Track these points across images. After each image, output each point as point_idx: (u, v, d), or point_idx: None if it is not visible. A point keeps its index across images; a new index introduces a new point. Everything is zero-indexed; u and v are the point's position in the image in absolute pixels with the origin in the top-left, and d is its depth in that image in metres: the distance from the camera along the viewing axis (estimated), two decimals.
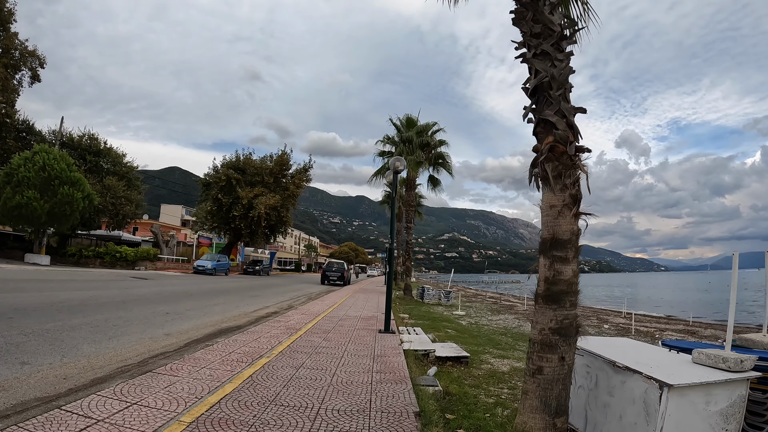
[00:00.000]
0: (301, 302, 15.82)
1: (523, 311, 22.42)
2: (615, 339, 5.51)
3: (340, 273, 31.21)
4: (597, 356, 4.00)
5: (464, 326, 14.19)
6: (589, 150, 3.61)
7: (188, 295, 15.70)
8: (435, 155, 24.10)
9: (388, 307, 8.39)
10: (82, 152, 39.67)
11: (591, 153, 3.59)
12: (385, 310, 8.39)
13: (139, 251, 34.25)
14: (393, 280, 30.92)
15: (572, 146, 3.56)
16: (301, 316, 10.84)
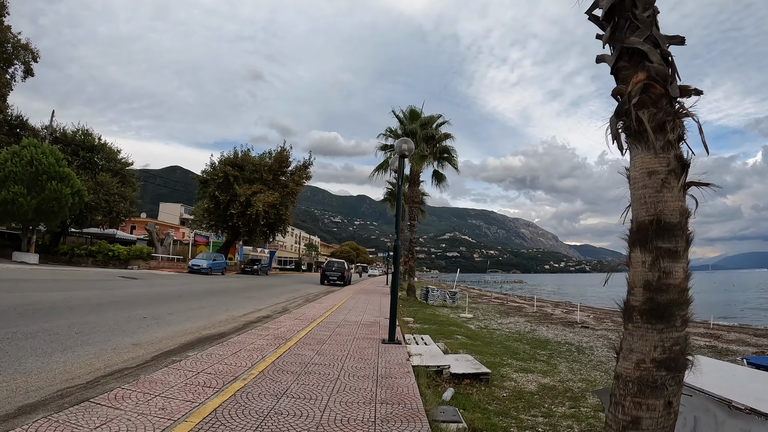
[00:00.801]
0: (297, 305, 14.63)
1: (532, 313, 21.22)
2: None
3: (340, 273, 29.99)
4: (697, 391, 2.78)
5: (474, 331, 13.01)
6: (699, 92, 2.41)
7: (175, 297, 14.53)
8: (440, 149, 22.89)
9: (393, 312, 7.18)
10: (75, 148, 38.51)
11: (703, 95, 2.40)
12: (390, 316, 7.19)
13: (132, 250, 33.06)
14: None
15: (675, 86, 2.36)
16: (295, 321, 9.65)
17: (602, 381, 7.75)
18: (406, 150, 7.23)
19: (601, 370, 8.87)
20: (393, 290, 7.31)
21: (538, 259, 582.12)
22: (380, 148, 23.47)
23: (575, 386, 7.16)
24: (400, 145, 7.21)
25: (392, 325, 7.20)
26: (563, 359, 9.75)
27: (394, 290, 7.32)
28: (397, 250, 7.08)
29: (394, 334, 7.23)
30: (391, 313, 7.21)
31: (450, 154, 23.13)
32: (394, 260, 7.11)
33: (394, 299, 7.26)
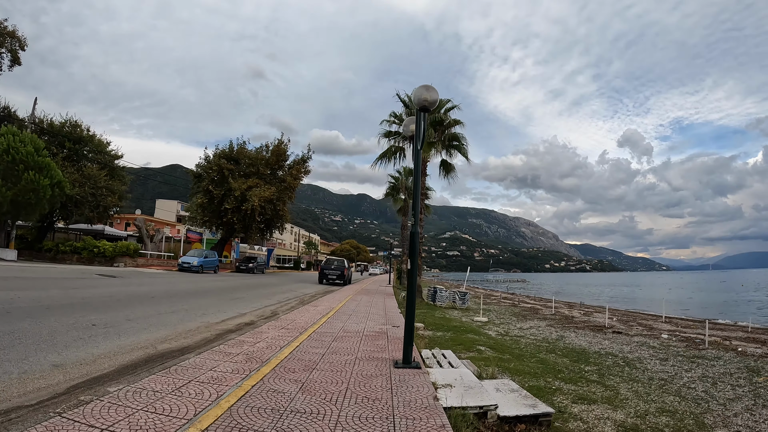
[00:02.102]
0: (288, 308, 12.67)
1: (551, 316, 19.24)
2: None
3: (339, 271, 27.97)
4: None
5: (497, 340, 11.04)
6: None
7: (148, 298, 12.58)
8: (448, 136, 20.87)
9: (410, 323, 5.18)
10: (62, 139, 36.57)
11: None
12: (406, 328, 5.20)
13: (118, 246, 31.09)
14: (399, 279, 27.52)
15: None
16: (281, 331, 7.67)
17: (686, 411, 5.80)
18: (428, 101, 5.27)
19: (672, 393, 6.92)
20: (410, 294, 5.32)
21: (539, 258, 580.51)
22: (383, 135, 21.44)
23: (661, 423, 5.21)
24: (420, 94, 5.24)
25: (408, 340, 5.22)
26: (617, 378, 7.80)
27: (411, 294, 5.32)
28: (415, 239, 5.11)
29: (410, 353, 5.25)
30: (407, 324, 5.22)
31: (460, 141, 21.11)
32: (411, 253, 5.14)
33: (410, 306, 5.28)
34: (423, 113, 5.46)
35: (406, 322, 5.25)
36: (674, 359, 10.19)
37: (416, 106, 5.42)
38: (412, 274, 5.11)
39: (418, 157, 5.68)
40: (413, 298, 5.24)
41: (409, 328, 5.17)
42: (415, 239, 5.13)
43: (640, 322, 19.22)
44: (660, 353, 10.92)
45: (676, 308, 31.92)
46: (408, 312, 5.24)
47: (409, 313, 5.24)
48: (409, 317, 5.23)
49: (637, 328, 16.08)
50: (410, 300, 5.24)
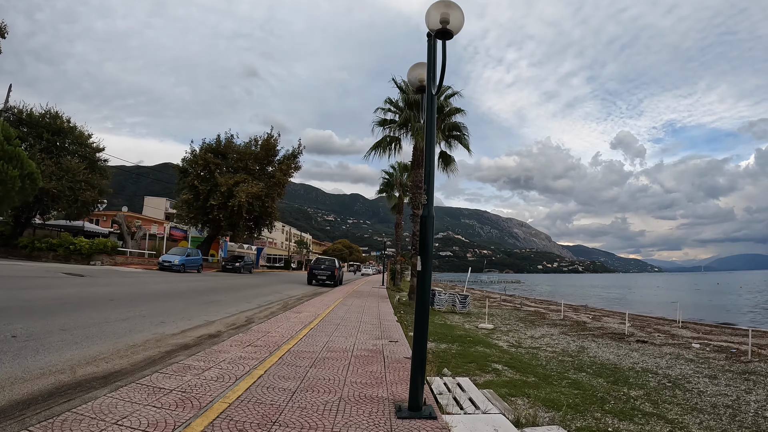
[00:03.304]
0: (268, 313, 10.93)
1: (560, 321, 17.61)
2: None
3: (330, 271, 26.17)
4: None
5: (513, 354, 9.36)
6: None
7: (105, 302, 10.81)
8: (449, 125, 19.17)
9: (420, 354, 3.47)
10: (40, 130, 34.54)
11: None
12: (414, 360, 3.51)
13: (95, 243, 29.15)
14: (393, 280, 25.88)
15: None
16: (246, 350, 5.94)
17: None
18: (450, 22, 3.60)
19: (750, 427, 5.31)
20: (419, 309, 3.58)
21: (531, 259, 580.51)
22: (378, 123, 19.66)
23: None
24: (438, 12, 3.56)
25: (418, 378, 3.50)
26: (675, 406, 6.17)
27: (422, 310, 3.58)
28: (427, 227, 3.40)
29: (420, 394, 3.53)
30: (417, 351, 3.51)
31: (461, 131, 19.41)
32: (422, 247, 3.44)
33: (421, 325, 3.54)
34: (443, 41, 3.77)
35: (414, 348, 3.55)
36: (723, 376, 8.60)
37: (431, 30, 3.73)
38: (424, 280, 3.42)
39: (432, 104, 3.96)
40: (425, 316, 3.51)
41: (419, 359, 3.47)
42: (427, 227, 3.44)
43: (657, 327, 17.66)
44: (703, 368, 9.31)
45: (683, 311, 30.40)
46: (417, 334, 3.53)
47: (418, 337, 3.53)
48: (418, 342, 3.52)
49: (659, 336, 14.49)
50: (420, 317, 3.52)
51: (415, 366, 3.54)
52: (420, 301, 3.52)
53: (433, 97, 3.90)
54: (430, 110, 3.90)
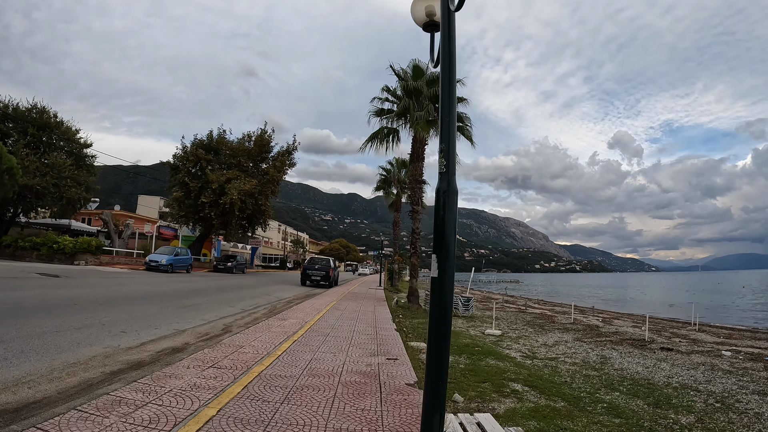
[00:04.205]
0: (251, 320, 9.67)
1: (571, 325, 16.39)
2: None
3: (324, 272, 24.88)
4: None
5: (529, 368, 8.12)
6: None
7: (66, 306, 9.57)
8: None
9: (436, 409, 2.23)
10: (25, 125, 33.16)
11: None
12: (426, 404, 2.26)
13: (79, 242, 27.81)
14: (391, 281, 24.72)
15: None
16: (205, 374, 4.70)
17: None
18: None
19: None
20: (438, 329, 2.34)
21: (529, 258, 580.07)
22: (375, 113, 18.34)
23: None
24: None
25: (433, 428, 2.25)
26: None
27: (441, 328, 2.34)
28: (447, 203, 2.17)
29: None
30: (430, 393, 2.27)
31: (464, 122, 18.14)
32: (438, 234, 2.21)
33: (438, 353, 2.32)
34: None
35: (427, 387, 2.30)
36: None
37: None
38: (442, 290, 2.21)
39: (450, 23, 2.68)
40: (443, 342, 2.30)
41: (434, 404, 2.23)
42: (447, 206, 2.20)
43: (674, 331, 16.48)
44: (746, 382, 8.10)
45: (691, 313, 29.27)
46: (433, 369, 2.29)
47: (435, 372, 2.29)
48: (434, 378, 2.28)
49: (681, 342, 13.29)
50: (438, 343, 2.30)
51: (429, 411, 2.30)
52: (437, 322, 2.30)
53: (450, 13, 2.62)
54: (448, 36, 2.62)
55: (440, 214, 2.24)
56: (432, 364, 2.32)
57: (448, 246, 2.20)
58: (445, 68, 2.56)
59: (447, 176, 2.26)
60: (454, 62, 2.59)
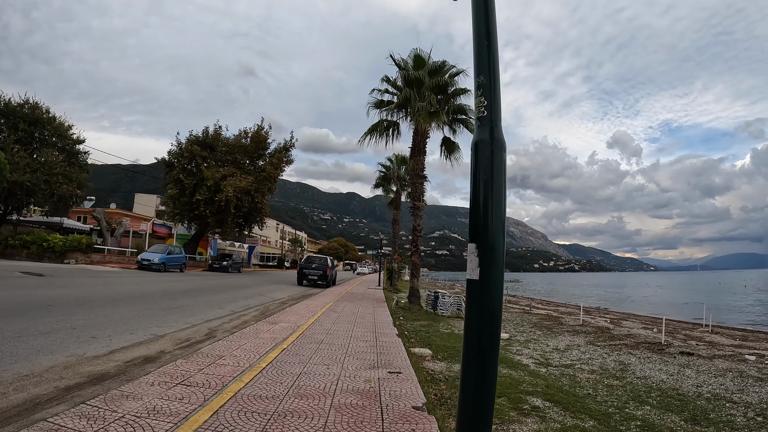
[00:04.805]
0: (239, 323, 8.88)
1: (580, 327, 15.62)
2: None
3: (321, 271, 24.05)
4: None
5: (546, 378, 7.34)
6: None
7: (40, 308, 8.78)
8: (453, 107, 17.14)
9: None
10: (16, 120, 32.32)
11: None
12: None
13: (69, 240, 26.98)
14: (390, 280, 24.01)
15: None
16: (171, 393, 3.93)
17: None
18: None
19: None
20: (476, 355, 1.59)
21: (528, 258, 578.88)
22: (374, 104, 17.52)
23: None
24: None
25: None
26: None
27: (488, 352, 1.59)
28: (493, 161, 1.47)
29: None
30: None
31: (467, 114, 17.35)
32: (473, 207, 1.44)
33: (481, 406, 1.52)
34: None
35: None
36: None
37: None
38: (487, 297, 1.45)
39: None
40: (486, 403, 1.51)
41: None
42: (495, 164, 1.46)
43: (687, 333, 15.75)
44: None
45: (698, 313, 28.55)
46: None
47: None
48: None
49: (699, 345, 12.54)
50: (475, 401, 1.51)
51: None
52: (478, 354, 1.54)
53: None
54: None
55: (481, 181, 1.48)
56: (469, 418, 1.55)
57: (494, 230, 1.43)
58: None
59: (490, 121, 1.51)
60: None
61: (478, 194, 1.50)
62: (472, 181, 1.53)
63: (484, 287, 1.49)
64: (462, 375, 1.67)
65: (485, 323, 1.54)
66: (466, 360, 1.64)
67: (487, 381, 1.57)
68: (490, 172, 1.51)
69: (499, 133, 1.57)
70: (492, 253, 1.46)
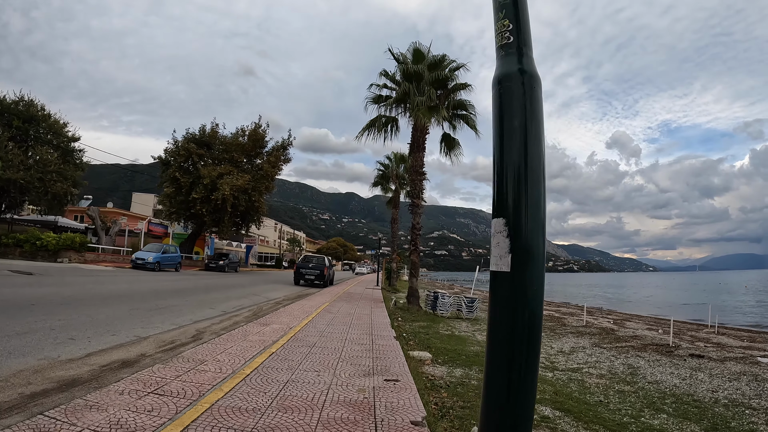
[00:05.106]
0: (227, 325, 8.45)
1: (584, 329, 15.21)
2: None
3: (318, 270, 23.60)
4: None
5: (552, 382, 6.93)
6: None
7: (22, 308, 8.38)
8: (453, 102, 16.72)
9: None
10: (10, 117, 31.88)
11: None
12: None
13: (62, 239, 26.53)
14: (389, 280, 23.63)
15: None
16: (140, 404, 3.51)
17: None
18: None
19: None
20: (507, 383, 1.16)
21: None
22: (372, 100, 17.07)
23: None
24: None
25: None
26: None
27: (526, 378, 1.16)
28: (527, 86, 1.08)
29: None
30: None
31: (467, 110, 16.91)
32: (501, 166, 1.04)
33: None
34: None
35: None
36: None
37: None
38: (525, 292, 1.03)
39: None
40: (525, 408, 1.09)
41: None
42: (533, 98, 1.08)
43: (693, 334, 15.35)
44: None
45: (700, 313, 28.15)
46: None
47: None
48: None
49: (708, 347, 12.13)
50: None
51: None
52: (502, 381, 1.11)
53: None
54: None
55: (507, 129, 1.06)
56: None
57: (531, 198, 1.02)
58: None
59: (517, 49, 1.09)
60: None
61: (504, 148, 1.08)
62: (496, 131, 1.11)
63: (518, 282, 1.06)
64: (484, 408, 1.24)
65: (519, 337, 1.11)
66: (491, 391, 1.21)
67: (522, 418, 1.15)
68: (521, 116, 1.08)
69: (531, 64, 1.14)
70: (529, 232, 1.04)
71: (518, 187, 1.07)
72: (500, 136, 1.12)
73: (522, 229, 1.09)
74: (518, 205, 1.06)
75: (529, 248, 1.09)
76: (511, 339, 1.19)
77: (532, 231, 1.09)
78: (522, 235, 1.09)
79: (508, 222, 1.08)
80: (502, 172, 1.09)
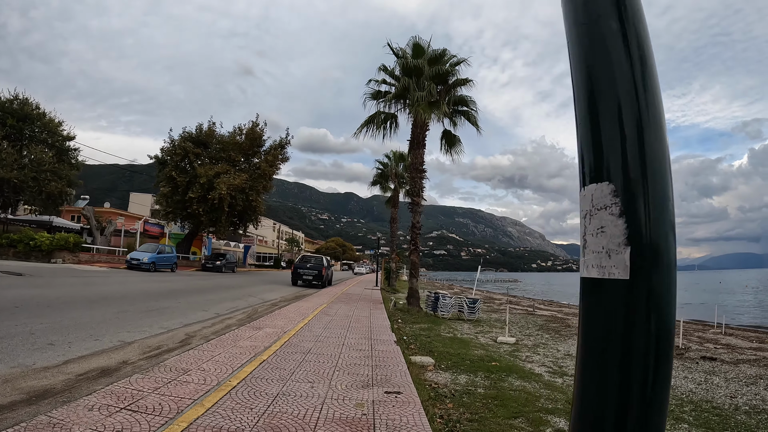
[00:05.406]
0: (219, 328, 8.05)
1: None
2: None
3: (316, 271, 23.19)
4: None
5: (563, 389, 6.54)
6: None
7: (4, 310, 7.96)
8: (454, 98, 16.33)
9: None
10: (4, 116, 31.47)
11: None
12: None
13: (56, 239, 26.08)
14: (388, 280, 23.21)
15: None
16: (110, 422, 3.10)
17: None
18: None
19: None
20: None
21: (526, 257, 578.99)
22: (371, 96, 16.66)
23: None
24: None
25: None
26: None
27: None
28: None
29: None
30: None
31: (468, 106, 16.52)
32: (585, 92, 0.71)
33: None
34: None
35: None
36: None
37: None
38: (649, 308, 0.68)
39: None
40: None
41: None
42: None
43: (700, 335, 14.97)
44: None
45: (703, 313, 27.78)
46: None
47: None
48: None
49: (718, 349, 11.75)
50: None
51: None
52: None
53: None
54: None
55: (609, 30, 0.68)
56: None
57: (652, 152, 0.64)
58: None
59: None
60: None
61: (594, 76, 0.68)
62: (573, 49, 0.70)
63: (641, 294, 0.66)
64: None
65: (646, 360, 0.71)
66: None
67: None
68: (616, 16, 0.68)
69: None
70: (656, 209, 0.64)
71: (635, 129, 0.66)
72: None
73: (645, 206, 0.68)
74: (636, 163, 0.66)
75: (658, 237, 0.69)
76: (625, 388, 0.77)
77: (660, 206, 0.68)
78: (645, 216, 0.68)
79: (617, 191, 0.68)
80: (593, 108, 0.68)
